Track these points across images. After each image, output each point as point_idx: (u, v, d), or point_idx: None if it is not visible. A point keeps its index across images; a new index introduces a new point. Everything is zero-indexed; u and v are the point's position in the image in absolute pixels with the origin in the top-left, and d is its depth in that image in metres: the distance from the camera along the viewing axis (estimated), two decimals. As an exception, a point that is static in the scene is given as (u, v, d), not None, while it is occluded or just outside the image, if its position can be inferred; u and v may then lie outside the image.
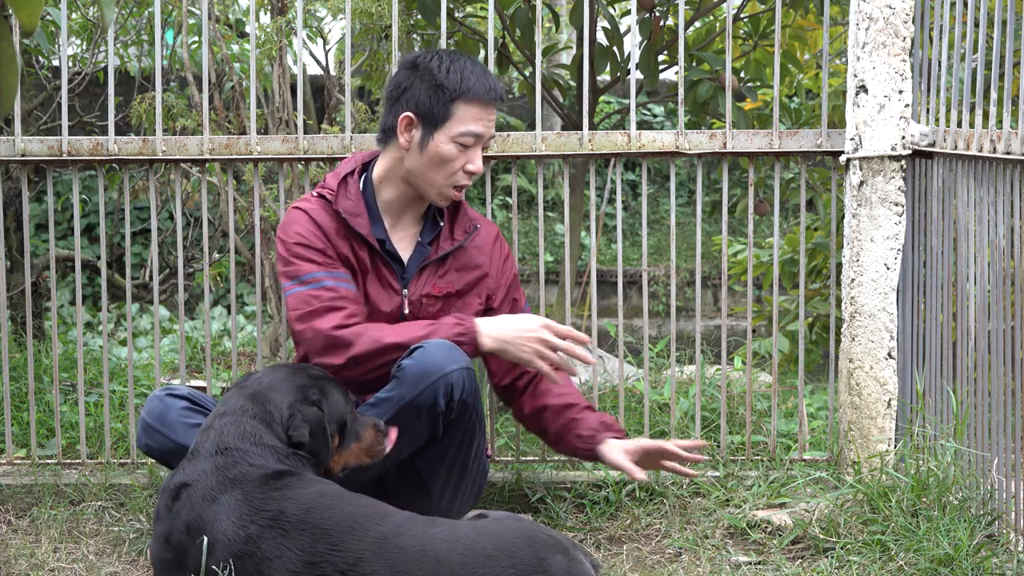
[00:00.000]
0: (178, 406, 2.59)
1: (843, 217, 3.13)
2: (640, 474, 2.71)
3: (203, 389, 3.83)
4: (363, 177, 2.82)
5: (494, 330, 2.66)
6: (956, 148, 2.79)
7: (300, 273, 2.68)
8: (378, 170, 2.81)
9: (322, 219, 2.73)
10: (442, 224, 2.84)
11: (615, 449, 2.76)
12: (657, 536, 2.82)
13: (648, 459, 2.78)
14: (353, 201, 2.75)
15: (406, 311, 2.76)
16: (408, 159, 2.74)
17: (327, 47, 7.73)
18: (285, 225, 2.75)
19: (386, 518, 2.21)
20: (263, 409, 2.37)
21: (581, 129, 3.23)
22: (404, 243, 2.82)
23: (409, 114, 2.72)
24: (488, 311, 2.86)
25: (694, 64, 4.20)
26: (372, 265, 2.76)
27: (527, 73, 4.85)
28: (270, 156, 3.20)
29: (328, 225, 2.73)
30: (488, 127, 2.74)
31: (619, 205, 3.18)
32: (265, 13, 5.03)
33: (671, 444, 2.76)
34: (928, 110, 3.01)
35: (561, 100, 4.84)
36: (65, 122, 3.23)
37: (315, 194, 2.78)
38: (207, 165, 3.30)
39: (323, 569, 2.12)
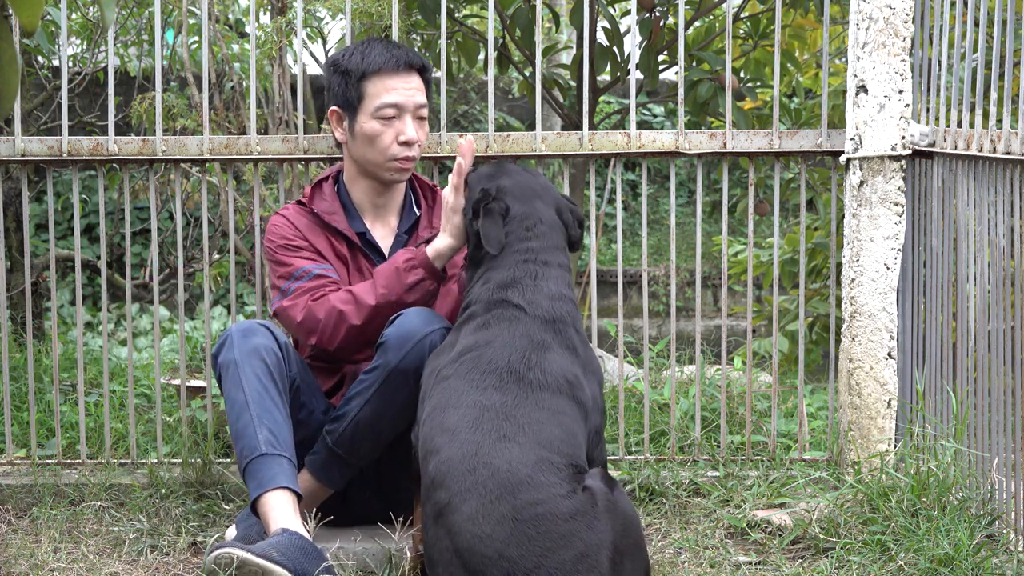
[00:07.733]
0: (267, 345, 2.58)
1: (843, 217, 3.13)
2: None
3: (203, 389, 3.84)
4: (337, 182, 2.92)
5: (435, 242, 2.68)
6: (956, 148, 2.79)
7: (294, 270, 2.74)
8: (345, 172, 2.91)
9: (299, 221, 2.83)
10: (419, 214, 2.92)
11: None
12: (657, 536, 2.81)
13: None
14: (328, 202, 2.85)
15: None
16: (351, 150, 2.84)
17: (327, 47, 7.73)
18: (268, 232, 2.84)
19: None
20: None
21: (581, 129, 3.23)
22: (385, 236, 2.90)
23: (333, 108, 2.84)
24: None
25: (694, 64, 4.20)
26: (353, 258, 2.83)
27: (527, 73, 4.85)
28: (270, 156, 3.20)
29: (305, 225, 2.83)
30: (406, 95, 2.78)
31: (619, 205, 3.18)
32: (265, 13, 5.03)
33: None
34: (928, 110, 3.01)
35: (561, 100, 4.84)
36: (65, 122, 3.23)
37: (293, 203, 2.89)
38: (207, 165, 3.30)
39: None
